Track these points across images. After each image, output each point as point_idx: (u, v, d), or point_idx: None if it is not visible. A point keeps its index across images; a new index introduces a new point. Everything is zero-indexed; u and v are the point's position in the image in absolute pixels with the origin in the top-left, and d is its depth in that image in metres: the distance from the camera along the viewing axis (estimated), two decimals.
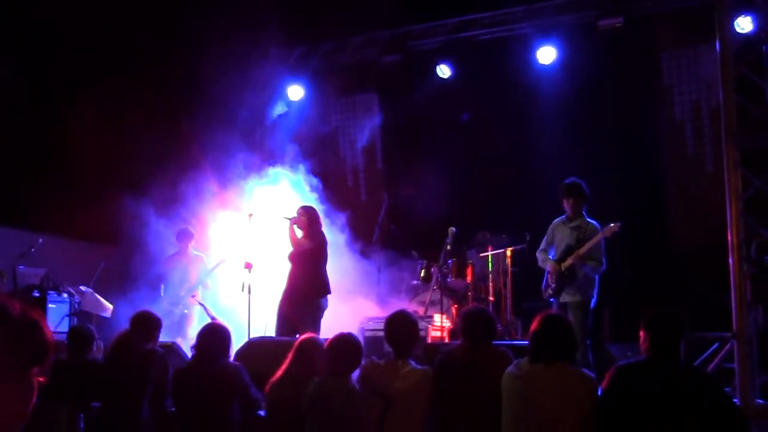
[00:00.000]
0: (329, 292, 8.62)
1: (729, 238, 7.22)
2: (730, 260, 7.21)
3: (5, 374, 1.72)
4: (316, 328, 8.26)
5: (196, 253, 10.59)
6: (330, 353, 5.40)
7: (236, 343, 6.67)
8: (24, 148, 11.02)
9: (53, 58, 11.30)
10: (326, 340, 5.69)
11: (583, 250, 7.83)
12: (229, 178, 11.24)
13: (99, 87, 11.06)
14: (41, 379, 1.87)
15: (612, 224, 7.82)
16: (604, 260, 7.95)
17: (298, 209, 8.94)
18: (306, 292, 8.55)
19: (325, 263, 8.76)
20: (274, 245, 9.42)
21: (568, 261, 7.91)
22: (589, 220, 8.11)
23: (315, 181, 11.48)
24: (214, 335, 6.08)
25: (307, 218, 8.79)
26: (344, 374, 5.30)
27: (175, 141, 11.08)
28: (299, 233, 8.75)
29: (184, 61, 11.21)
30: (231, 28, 10.93)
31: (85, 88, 11.12)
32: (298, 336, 8.28)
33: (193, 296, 10.28)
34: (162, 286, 10.42)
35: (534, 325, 4.88)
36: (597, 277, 7.98)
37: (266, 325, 9.12)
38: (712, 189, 10.34)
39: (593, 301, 7.95)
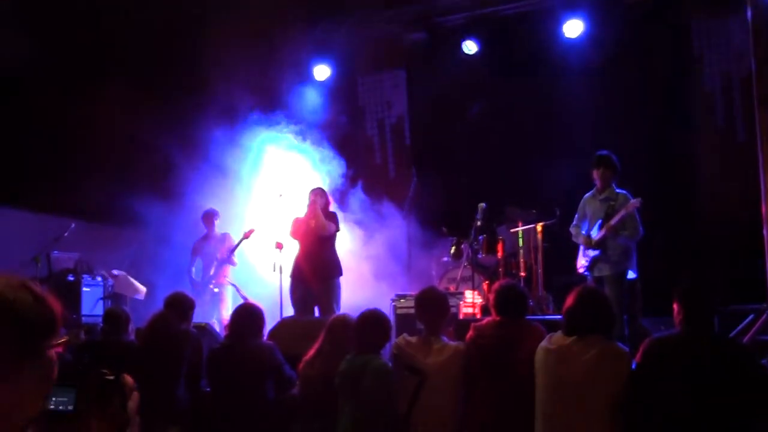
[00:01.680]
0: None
1: (763, 208, 7.14)
2: (765, 231, 7.14)
3: (18, 349, 1.73)
4: (338, 306, 8.57)
5: (222, 232, 10.64)
6: (358, 330, 5.41)
7: (269, 323, 6.71)
8: (53, 134, 11.08)
9: (75, 40, 11.32)
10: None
11: (613, 221, 7.79)
12: (256, 158, 11.28)
13: (122, 68, 11.11)
14: (59, 350, 1.88)
15: (633, 200, 7.78)
16: (640, 227, 7.89)
17: (316, 190, 9.02)
18: (333, 272, 8.80)
19: None
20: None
21: (600, 233, 7.86)
22: (618, 191, 8.06)
23: (342, 161, 11.50)
24: (248, 315, 6.13)
25: (326, 200, 9.00)
26: (374, 350, 5.31)
27: (200, 121, 11.10)
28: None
29: (207, 40, 11.19)
30: (255, 7, 10.89)
31: (108, 69, 11.16)
32: (317, 315, 8.46)
33: (224, 276, 10.34)
34: (192, 268, 10.50)
35: (570, 299, 4.86)
36: (634, 249, 7.92)
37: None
38: (744, 159, 10.26)
39: (632, 272, 7.90)
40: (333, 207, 9.46)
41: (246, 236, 10.23)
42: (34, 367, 1.75)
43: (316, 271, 8.67)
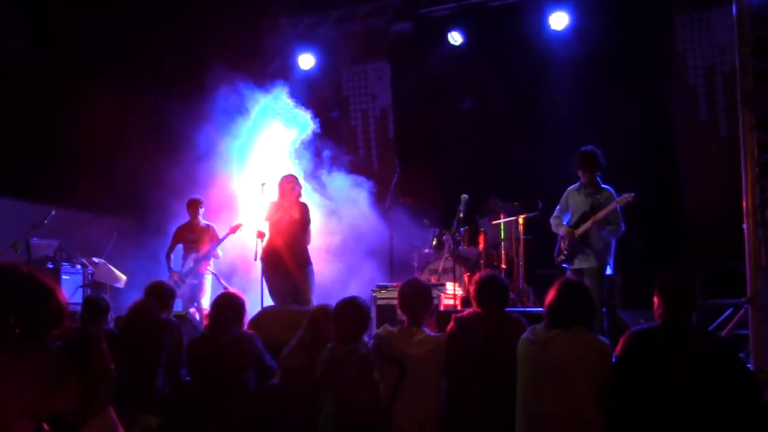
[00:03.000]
0: None
1: (744, 203, 7.17)
2: (745, 225, 7.17)
3: (21, 340, 1.72)
4: (313, 295, 8.64)
5: (205, 222, 10.55)
6: (336, 319, 5.39)
7: (250, 313, 6.69)
8: (35, 121, 11.01)
9: (62, 31, 11.26)
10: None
11: (600, 215, 7.80)
12: (239, 147, 11.24)
13: (108, 59, 11.05)
14: (59, 343, 1.88)
15: (626, 194, 7.78)
16: (622, 223, 7.91)
17: (289, 177, 8.97)
18: (308, 260, 8.79)
19: None
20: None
21: (584, 226, 7.87)
22: (603, 186, 8.07)
23: (326, 150, 11.48)
24: (229, 304, 6.10)
25: (301, 188, 8.99)
26: (353, 339, 5.30)
27: (185, 111, 11.04)
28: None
29: (192, 32, 11.15)
30: None
31: (95, 60, 11.10)
32: (296, 303, 8.44)
33: (205, 266, 10.29)
34: (172, 256, 10.42)
35: (552, 291, 4.86)
36: (614, 243, 7.95)
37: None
38: (726, 154, 10.33)
39: (609, 267, 7.93)
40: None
41: (232, 231, 10.16)
42: (36, 358, 1.75)
43: (295, 259, 8.64)
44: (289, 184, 8.83)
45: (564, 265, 8.15)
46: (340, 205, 11.02)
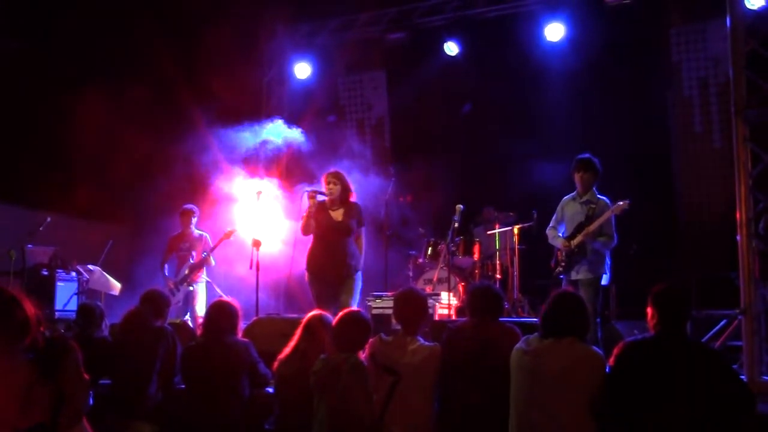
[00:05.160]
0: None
1: (738, 214, 7.19)
2: (738, 237, 7.20)
3: None
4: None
5: (199, 232, 10.51)
6: (337, 330, 5.39)
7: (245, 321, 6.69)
8: (30, 126, 11.01)
9: (58, 37, 11.27)
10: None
11: (592, 227, 7.77)
12: (234, 155, 11.23)
13: (104, 65, 11.05)
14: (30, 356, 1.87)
15: (621, 202, 7.77)
16: (615, 235, 7.89)
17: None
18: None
19: None
20: (282, 223, 9.45)
21: (578, 238, 7.86)
22: (599, 196, 8.05)
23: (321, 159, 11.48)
24: (222, 312, 6.11)
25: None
26: (351, 351, 5.31)
27: (180, 119, 11.06)
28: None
29: (190, 39, 11.16)
30: (236, 4, 10.89)
31: (90, 67, 11.11)
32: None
33: (198, 274, 10.26)
34: (166, 265, 10.41)
35: (547, 302, 4.89)
36: (608, 254, 7.93)
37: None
38: (720, 165, 10.37)
39: (604, 278, 7.93)
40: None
41: (226, 237, 10.14)
42: (5, 370, 1.74)
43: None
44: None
45: (561, 276, 8.14)
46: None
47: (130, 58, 11.24)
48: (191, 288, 10.22)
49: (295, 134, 10.84)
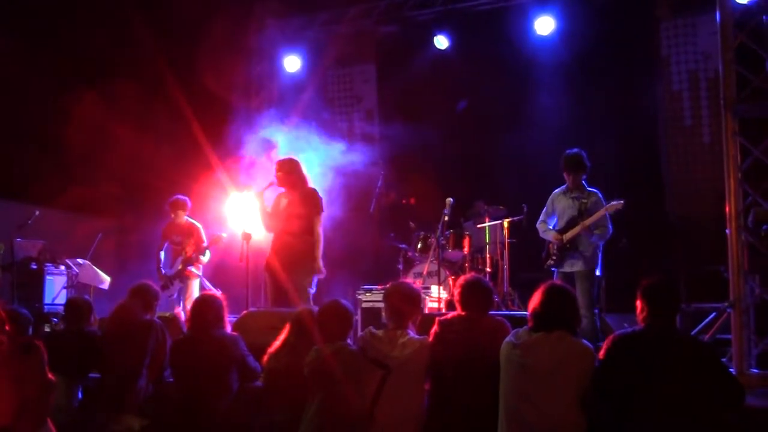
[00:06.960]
0: None
1: (727, 207, 7.20)
2: (728, 230, 7.21)
3: None
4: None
5: (191, 221, 10.37)
6: (320, 322, 5.45)
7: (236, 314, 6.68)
8: (20, 120, 10.96)
9: (51, 33, 11.21)
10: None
11: (588, 221, 7.84)
12: (226, 149, 11.20)
13: (94, 60, 11.00)
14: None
15: (615, 201, 7.82)
16: (610, 226, 7.96)
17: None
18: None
19: None
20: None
21: (573, 231, 7.90)
22: (589, 189, 8.09)
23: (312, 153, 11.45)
24: (206, 306, 6.12)
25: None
26: (338, 340, 5.34)
27: (171, 113, 11.01)
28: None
29: (179, 34, 11.12)
30: None
31: (81, 61, 11.05)
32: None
33: (190, 270, 10.21)
34: (162, 252, 10.33)
35: (537, 295, 4.87)
36: (601, 247, 7.98)
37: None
38: (709, 159, 10.40)
39: (598, 269, 7.97)
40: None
41: (213, 243, 10.02)
42: None
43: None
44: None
45: (552, 269, 8.16)
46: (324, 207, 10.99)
47: (119, 53, 11.18)
48: (183, 284, 10.16)
49: (284, 129, 10.85)
